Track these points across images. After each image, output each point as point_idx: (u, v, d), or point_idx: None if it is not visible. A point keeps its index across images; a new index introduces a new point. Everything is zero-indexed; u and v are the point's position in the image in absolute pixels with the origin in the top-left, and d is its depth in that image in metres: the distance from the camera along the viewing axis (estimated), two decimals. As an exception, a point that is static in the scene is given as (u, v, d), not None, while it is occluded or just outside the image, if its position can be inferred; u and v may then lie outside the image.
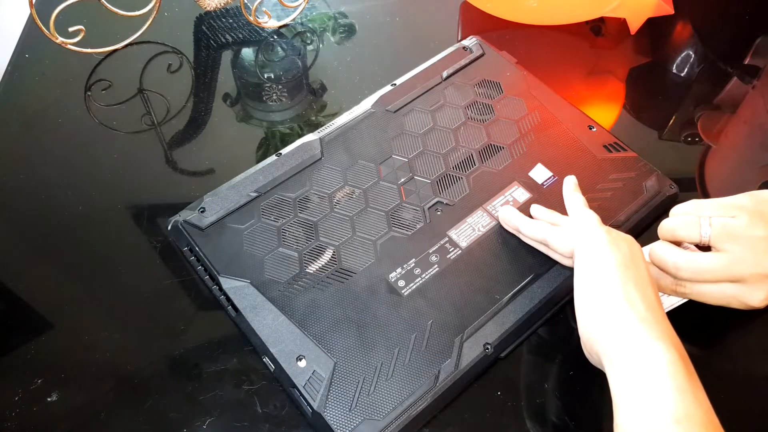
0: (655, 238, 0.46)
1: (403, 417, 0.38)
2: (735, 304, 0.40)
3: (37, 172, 0.55)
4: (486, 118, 0.54)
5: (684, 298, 0.43)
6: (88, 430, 0.41)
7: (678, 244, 0.42)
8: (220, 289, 0.44)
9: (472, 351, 0.41)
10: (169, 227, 0.47)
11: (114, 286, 0.48)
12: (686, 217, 0.41)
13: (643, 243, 0.49)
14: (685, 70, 0.66)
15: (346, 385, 0.39)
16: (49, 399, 0.42)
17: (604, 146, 0.52)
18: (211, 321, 0.46)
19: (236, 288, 0.43)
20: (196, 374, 0.44)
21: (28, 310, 0.47)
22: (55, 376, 0.43)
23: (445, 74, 0.56)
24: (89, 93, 0.61)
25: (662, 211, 0.50)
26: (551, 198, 0.49)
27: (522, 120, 0.54)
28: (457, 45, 0.59)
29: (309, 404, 0.39)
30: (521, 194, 0.49)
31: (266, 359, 0.42)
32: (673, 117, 0.62)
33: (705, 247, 0.41)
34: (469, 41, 0.59)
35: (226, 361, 0.44)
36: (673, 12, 0.63)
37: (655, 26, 0.66)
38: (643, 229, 0.49)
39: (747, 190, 0.55)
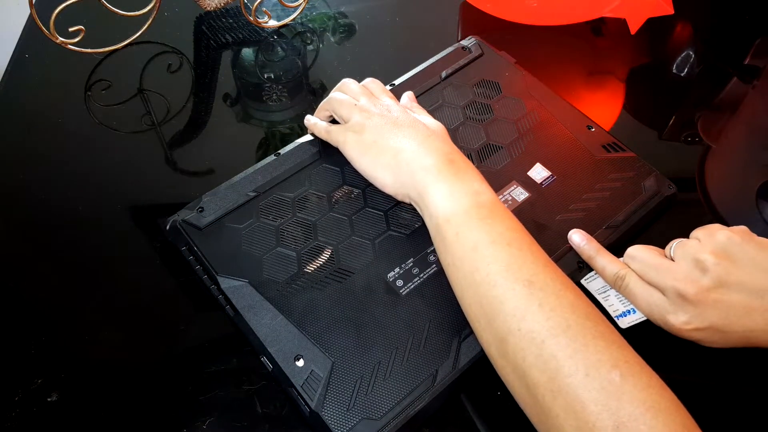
0: (654, 239, 0.46)
1: (401, 416, 0.38)
2: (656, 315, 0.40)
3: (37, 172, 0.55)
4: (485, 118, 0.54)
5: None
6: (88, 430, 0.42)
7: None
8: (219, 288, 0.44)
9: (470, 351, 0.41)
10: (168, 227, 0.47)
11: (114, 286, 0.49)
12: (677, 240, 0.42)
13: (642, 243, 0.49)
14: (685, 70, 0.66)
15: (343, 384, 0.39)
16: (49, 399, 0.42)
17: (603, 146, 0.52)
18: (211, 321, 0.46)
19: (234, 287, 0.43)
20: (196, 374, 0.44)
21: (28, 310, 0.47)
22: (55, 376, 0.43)
23: (443, 74, 0.56)
24: (89, 93, 0.61)
25: (661, 212, 0.50)
26: (550, 197, 0.49)
27: (521, 120, 0.54)
28: (456, 45, 0.59)
29: (307, 404, 0.39)
30: (520, 193, 0.49)
31: (264, 359, 0.42)
32: (673, 117, 0.62)
33: None
34: (468, 41, 0.59)
35: (226, 361, 0.44)
36: (673, 12, 0.63)
37: (655, 26, 0.66)
38: (642, 230, 0.49)
39: (747, 191, 0.55)
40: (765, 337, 0.38)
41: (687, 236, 0.42)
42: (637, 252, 0.42)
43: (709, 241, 0.39)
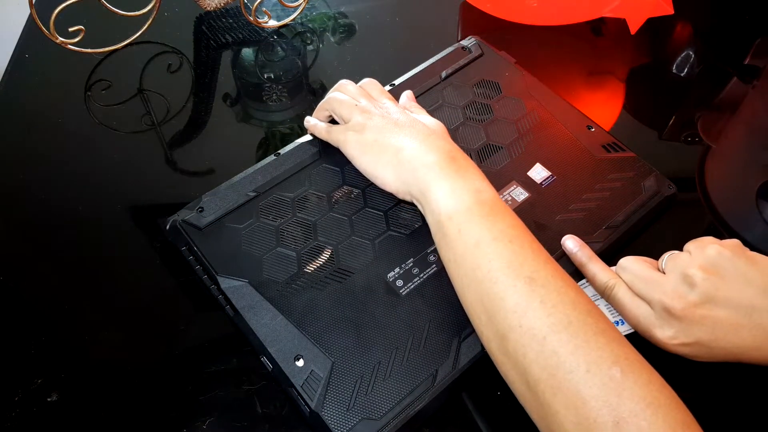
0: (654, 239, 0.46)
1: (401, 416, 0.38)
2: (643, 328, 0.40)
3: (37, 172, 0.55)
4: (484, 118, 0.54)
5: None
6: (88, 430, 0.42)
7: None
8: (219, 288, 0.44)
9: (470, 351, 0.41)
10: (168, 227, 0.47)
11: (114, 286, 0.49)
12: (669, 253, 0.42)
13: (642, 243, 0.49)
14: (685, 70, 0.66)
15: (343, 384, 0.39)
16: (49, 399, 0.42)
17: (603, 146, 0.52)
18: (211, 321, 0.46)
19: (234, 287, 0.43)
20: (196, 374, 0.44)
21: (28, 310, 0.47)
22: (55, 376, 0.43)
23: (443, 74, 0.56)
24: (89, 93, 0.61)
25: (661, 212, 0.50)
26: (550, 198, 0.49)
27: (520, 120, 0.54)
28: (455, 45, 0.59)
29: (306, 404, 0.39)
30: (520, 193, 0.49)
31: (264, 359, 0.42)
32: (673, 117, 0.62)
33: None
34: (468, 41, 0.59)
35: (226, 361, 0.44)
36: (673, 12, 0.63)
37: (655, 26, 0.66)
38: (642, 230, 0.49)
39: (747, 191, 0.55)
40: (752, 354, 0.38)
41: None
42: (629, 263, 0.42)
43: (700, 255, 0.39)
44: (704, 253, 0.39)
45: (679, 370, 0.38)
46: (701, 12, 0.72)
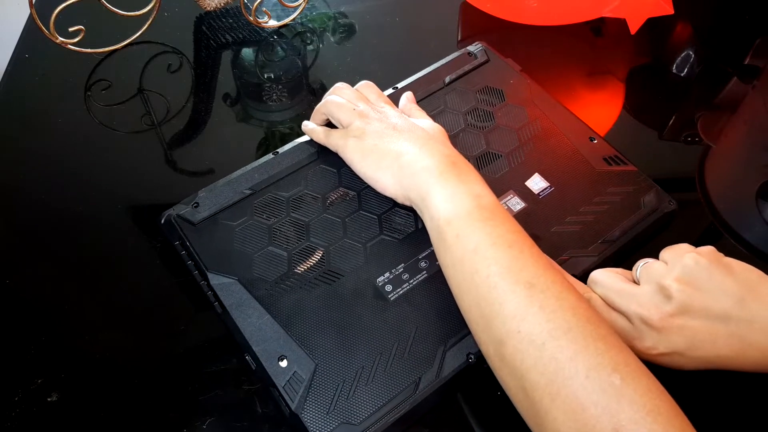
0: (651, 254, 0.45)
1: (380, 423, 0.38)
2: (622, 340, 0.39)
3: (37, 172, 0.55)
4: (486, 125, 0.53)
5: None
6: (88, 430, 0.42)
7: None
8: (208, 285, 0.43)
9: (454, 360, 0.40)
10: (162, 221, 0.47)
11: (114, 286, 0.49)
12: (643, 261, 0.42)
13: (641, 256, 0.48)
14: (685, 70, 0.66)
15: (325, 387, 0.39)
16: (49, 399, 0.43)
17: (604, 158, 0.51)
18: (211, 321, 0.46)
19: (223, 284, 0.43)
20: (196, 374, 0.44)
21: (28, 310, 0.47)
22: (55, 376, 0.44)
23: (447, 79, 0.56)
24: (89, 93, 0.61)
25: (660, 228, 0.49)
26: (546, 209, 0.48)
27: (522, 128, 0.53)
28: (461, 50, 0.58)
29: (287, 404, 0.38)
30: (516, 203, 0.49)
31: (248, 357, 0.41)
32: (673, 117, 0.62)
33: None
34: (474, 47, 0.59)
35: (226, 361, 0.44)
36: (673, 12, 0.63)
37: (655, 26, 0.66)
38: (639, 246, 0.48)
39: (747, 190, 0.55)
40: (730, 362, 0.38)
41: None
42: (600, 276, 0.42)
43: (676, 265, 0.39)
44: (680, 263, 0.39)
45: (677, 378, 0.38)
46: (701, 12, 0.72)
